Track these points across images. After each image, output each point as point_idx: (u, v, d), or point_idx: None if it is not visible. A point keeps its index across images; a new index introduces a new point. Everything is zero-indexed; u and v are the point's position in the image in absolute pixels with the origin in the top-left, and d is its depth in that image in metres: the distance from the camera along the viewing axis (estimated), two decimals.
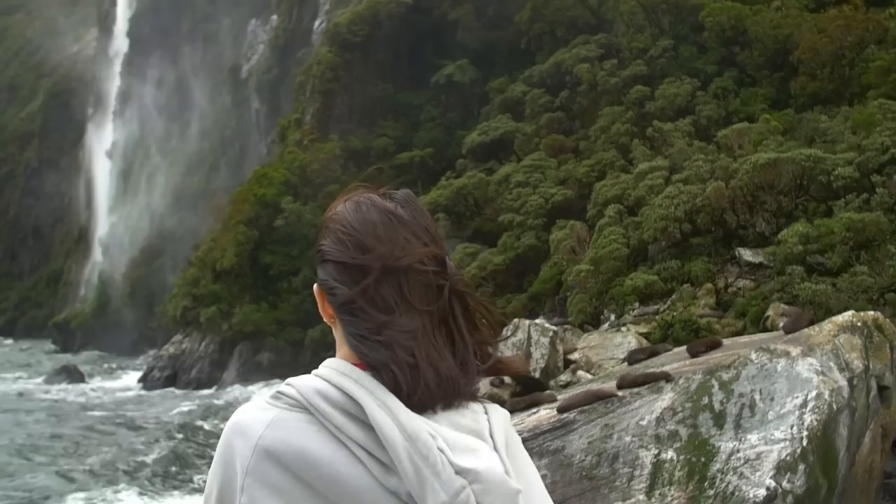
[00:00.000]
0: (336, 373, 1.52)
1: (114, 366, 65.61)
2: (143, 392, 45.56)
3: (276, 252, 43.69)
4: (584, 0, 42.94)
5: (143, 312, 75.85)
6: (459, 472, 1.42)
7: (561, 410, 11.47)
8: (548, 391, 16.69)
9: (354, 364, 1.55)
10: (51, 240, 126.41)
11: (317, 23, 69.40)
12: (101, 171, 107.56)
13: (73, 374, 53.11)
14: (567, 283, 25.60)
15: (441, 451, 1.42)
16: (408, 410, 1.46)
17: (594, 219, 27.51)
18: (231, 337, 44.81)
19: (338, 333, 1.63)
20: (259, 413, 1.52)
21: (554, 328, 19.56)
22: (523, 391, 18.42)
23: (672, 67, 34.79)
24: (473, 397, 1.59)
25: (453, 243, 35.53)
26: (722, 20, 33.28)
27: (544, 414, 12.22)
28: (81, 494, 22.66)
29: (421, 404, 1.49)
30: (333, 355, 1.62)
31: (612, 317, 22.32)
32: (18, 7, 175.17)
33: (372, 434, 1.44)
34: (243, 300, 44.50)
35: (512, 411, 13.80)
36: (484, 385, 19.56)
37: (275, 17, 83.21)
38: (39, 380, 53.50)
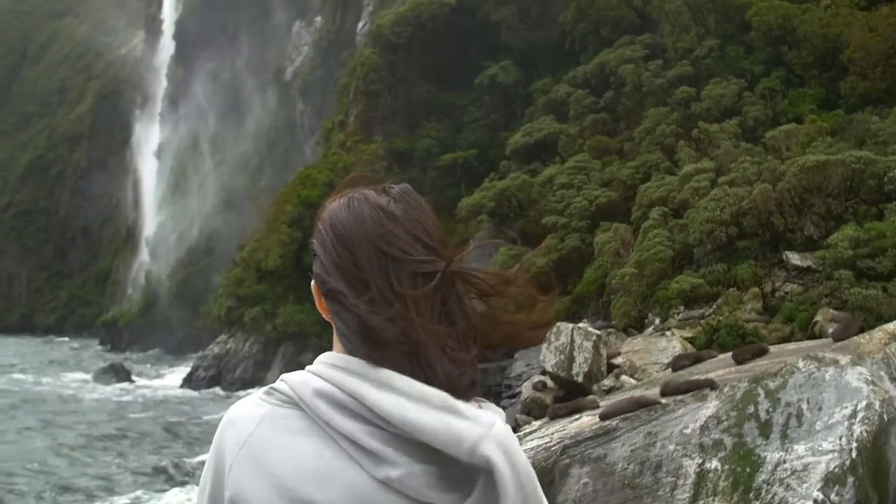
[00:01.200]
0: (327, 366, 1.52)
1: (159, 365, 66.35)
2: (187, 392, 45.99)
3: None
4: (628, 0, 42.56)
5: (188, 312, 76.59)
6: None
7: (603, 417, 11.34)
8: (590, 396, 16.51)
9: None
10: (99, 239, 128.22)
11: (360, 24, 69.62)
12: (149, 172, 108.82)
13: (119, 373, 53.79)
14: (611, 285, 25.35)
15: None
16: (408, 379, 1.45)
17: (639, 221, 27.22)
18: (275, 337, 45.06)
19: (334, 329, 1.63)
20: (251, 409, 1.53)
21: (597, 332, 19.38)
22: (566, 395, 18.27)
23: (718, 68, 34.39)
24: (467, 392, 1.54)
25: (496, 245, 35.37)
26: (769, 19, 32.82)
27: (586, 421, 12.09)
28: (125, 494, 22.85)
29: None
30: None
31: (657, 321, 22.07)
32: (67, 11, 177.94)
33: (364, 424, 1.44)
34: (287, 301, 44.71)
35: (553, 417, 13.68)
36: (526, 389, 19.45)
37: (319, 18, 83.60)
38: (87, 377, 54.22)
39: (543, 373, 19.55)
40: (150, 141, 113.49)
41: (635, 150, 34.18)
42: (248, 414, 1.53)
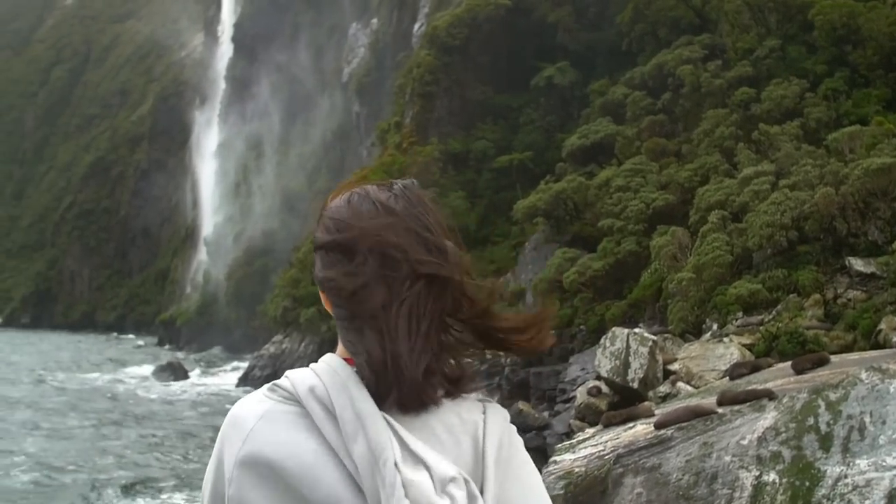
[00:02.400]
0: (327, 368, 1.53)
1: (216, 363, 67.12)
2: (243, 391, 46.37)
3: None
4: (687, 0, 42.02)
5: (245, 312, 77.40)
6: (406, 485, 1.38)
7: (658, 426, 11.19)
8: (645, 403, 16.30)
9: (346, 359, 1.55)
10: (158, 239, 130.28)
11: (416, 26, 69.71)
12: (207, 173, 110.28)
13: (177, 371, 54.61)
14: (668, 290, 25.00)
15: (397, 468, 1.38)
16: (379, 421, 1.43)
17: (696, 225, 26.83)
18: (330, 338, 45.18)
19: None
20: (254, 405, 1.54)
21: (653, 337, 19.14)
22: (621, 401, 18.07)
23: (779, 68, 33.78)
24: (460, 394, 1.56)
25: (552, 248, 35.18)
26: (833, 18, 32.15)
27: (641, 429, 11.93)
28: (179, 491, 23.07)
29: (400, 401, 1.47)
30: None
31: (714, 326, 21.73)
32: (129, 15, 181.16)
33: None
34: None
35: (607, 425, 13.50)
36: (581, 394, 19.26)
37: (375, 20, 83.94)
38: (146, 374, 55.05)
39: (598, 378, 19.35)
40: (208, 142, 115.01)
41: (693, 152, 33.70)
42: (249, 410, 1.53)
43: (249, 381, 47.70)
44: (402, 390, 1.46)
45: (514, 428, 1.62)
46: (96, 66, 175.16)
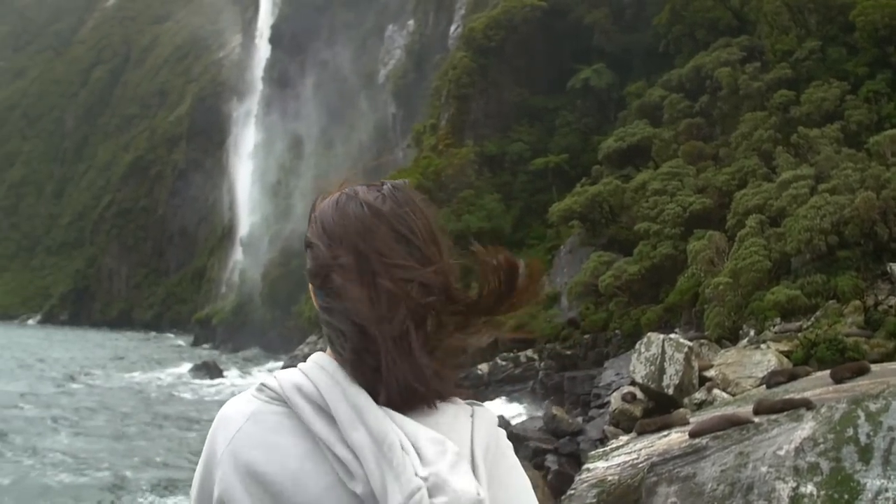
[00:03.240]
0: (316, 367, 1.52)
1: (251, 363, 67.44)
2: None
3: None
4: (725, 1, 41.62)
5: (280, 312, 77.74)
6: (418, 474, 1.37)
7: (693, 435, 11.06)
8: (681, 410, 16.15)
9: (335, 358, 1.54)
10: (195, 238, 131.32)
11: (452, 28, 69.75)
12: (244, 173, 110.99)
13: (212, 370, 55.01)
14: (704, 295, 24.74)
15: (405, 452, 1.38)
16: (376, 410, 1.43)
17: (734, 229, 26.54)
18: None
19: None
20: (241, 406, 1.54)
21: (689, 343, 18.92)
22: (655, 407, 17.90)
23: (819, 70, 33.36)
24: (450, 397, 1.56)
25: (587, 251, 35.01)
26: (875, 19, 31.69)
27: (675, 438, 11.79)
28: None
29: (387, 403, 1.46)
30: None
31: (752, 332, 21.46)
32: (168, 16, 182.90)
33: (338, 432, 1.43)
34: None
35: (641, 433, 13.36)
36: (615, 400, 19.10)
37: (411, 22, 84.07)
38: (181, 372, 55.42)
39: (633, 383, 19.16)
40: (245, 143, 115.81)
41: (731, 155, 33.35)
42: (237, 411, 1.53)
43: None
44: (391, 390, 1.45)
45: (502, 432, 1.60)
46: (136, 67, 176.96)
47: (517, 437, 22.16)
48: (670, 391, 17.66)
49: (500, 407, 30.75)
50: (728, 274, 23.59)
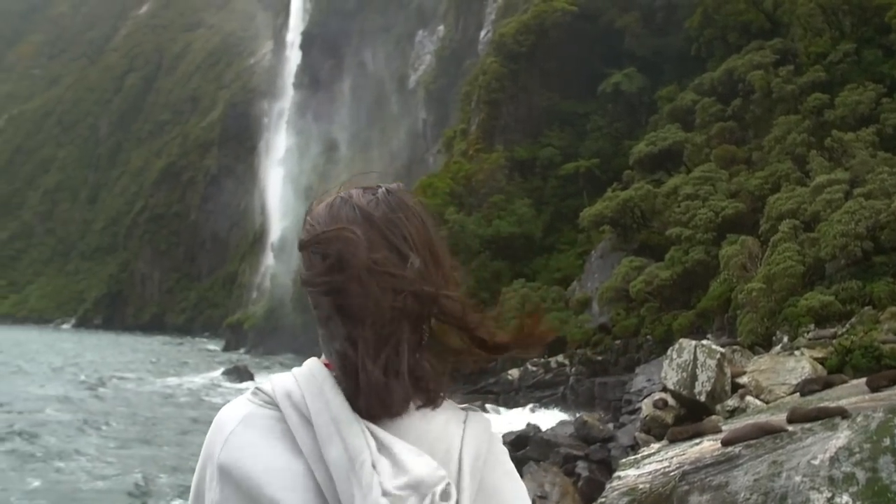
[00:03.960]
0: (307, 373, 1.51)
1: (282, 368, 67.57)
2: None
3: None
4: (757, 3, 41.29)
5: (311, 317, 77.77)
6: (386, 494, 1.34)
7: (725, 443, 10.90)
8: (713, 417, 15.99)
9: (326, 363, 1.53)
10: (227, 244, 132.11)
11: (482, 33, 69.78)
12: (275, 178, 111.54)
13: (242, 374, 55.38)
14: (737, 300, 24.51)
15: (375, 469, 1.36)
16: (355, 425, 1.41)
17: (767, 234, 26.29)
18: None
19: None
20: (236, 409, 1.54)
21: (721, 350, 18.69)
22: (687, 414, 17.71)
23: (854, 73, 33.02)
24: (444, 403, 1.53)
25: (618, 256, 34.83)
26: None
27: (707, 446, 11.65)
28: None
29: (367, 410, 1.44)
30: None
31: (785, 339, 21.21)
32: (200, 23, 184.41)
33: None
34: None
35: (673, 440, 13.21)
36: (647, 406, 18.95)
37: (441, 27, 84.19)
38: (213, 376, 55.74)
39: (665, 390, 18.97)
40: (276, 148, 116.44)
41: (764, 159, 33.08)
42: (231, 414, 1.53)
43: None
44: (368, 397, 1.44)
45: (496, 438, 1.57)
46: (168, 74, 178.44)
47: (548, 443, 22.06)
48: (702, 398, 17.47)
49: (528, 414, 30.65)
50: (761, 279, 23.36)
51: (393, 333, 1.44)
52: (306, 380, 1.49)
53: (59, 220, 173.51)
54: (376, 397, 1.44)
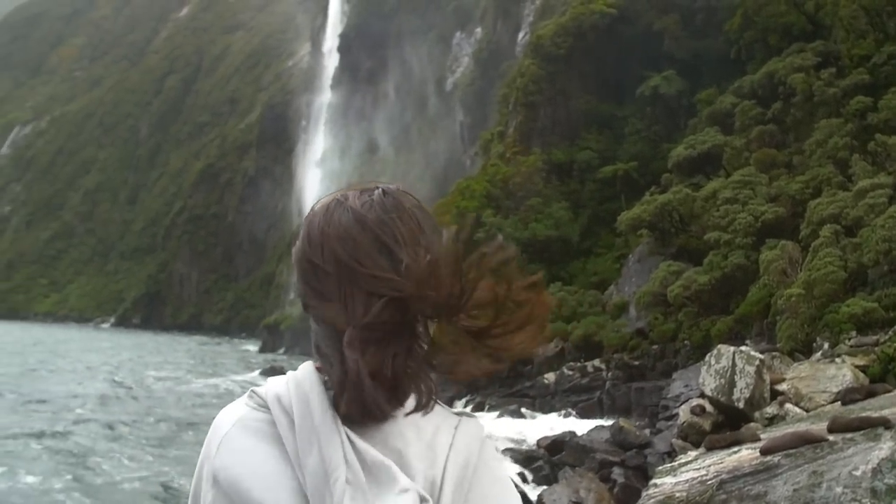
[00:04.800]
0: (300, 377, 1.52)
1: None
2: None
3: None
4: (799, 5, 40.80)
5: None
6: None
7: (764, 452, 10.75)
8: (752, 424, 15.81)
9: (319, 368, 1.54)
10: (264, 245, 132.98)
11: (520, 35, 69.67)
12: (312, 180, 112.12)
13: (279, 375, 55.61)
14: (777, 306, 24.20)
15: (348, 485, 1.35)
16: (334, 435, 1.40)
17: (808, 239, 25.95)
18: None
19: None
20: (232, 412, 1.56)
21: (760, 356, 18.45)
22: (725, 421, 17.52)
23: None
24: (430, 408, 1.49)
25: (656, 260, 34.57)
26: None
27: (746, 454, 11.49)
28: None
29: (348, 415, 1.44)
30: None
31: (826, 346, 20.91)
32: (239, 26, 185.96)
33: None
34: None
35: (710, 448, 13.04)
36: (684, 413, 18.75)
37: (479, 29, 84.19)
38: (250, 377, 56.08)
39: (702, 396, 18.77)
40: (314, 150, 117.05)
41: (805, 163, 32.68)
42: (226, 418, 1.55)
43: None
44: (352, 402, 1.43)
45: (489, 445, 1.54)
46: (207, 76, 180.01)
47: (583, 449, 21.91)
48: (741, 405, 17.25)
49: (563, 419, 30.49)
50: (801, 285, 23.05)
51: (379, 337, 1.43)
52: (296, 384, 1.50)
53: (100, 221, 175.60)
54: (360, 403, 1.42)
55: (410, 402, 1.47)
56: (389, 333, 1.43)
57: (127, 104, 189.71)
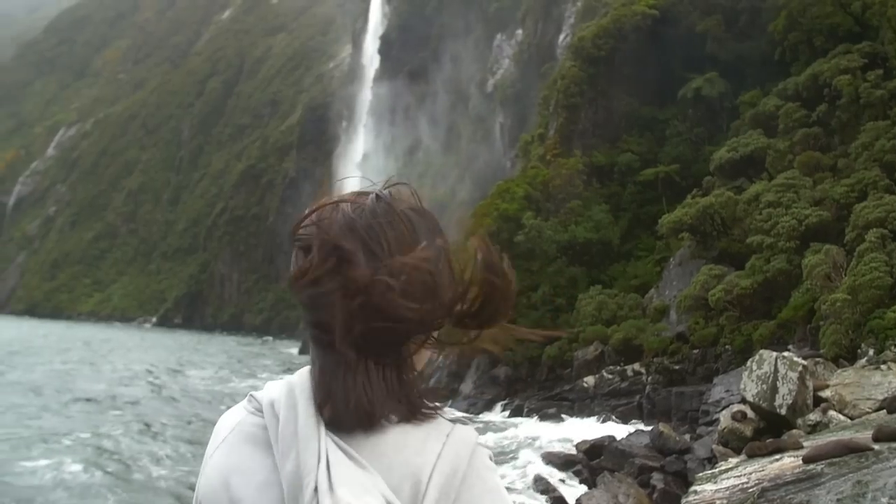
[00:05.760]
0: (294, 381, 1.51)
1: None
2: None
3: (516, 267, 41.40)
4: (845, 6, 40.23)
5: None
6: None
7: (807, 461, 10.59)
8: (794, 432, 15.60)
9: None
10: None
11: (561, 37, 69.46)
12: (352, 182, 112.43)
13: None
14: (820, 312, 23.88)
15: (317, 493, 1.34)
16: (313, 442, 1.39)
17: (853, 243, 25.57)
18: (471, 349, 45.10)
19: None
20: (231, 416, 1.58)
21: (804, 362, 18.21)
22: (767, 427, 17.31)
23: None
24: (420, 416, 1.47)
25: (697, 264, 34.29)
26: None
27: (788, 462, 11.33)
28: None
29: (332, 421, 1.43)
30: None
31: (871, 352, 20.58)
32: (281, 28, 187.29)
33: None
34: None
35: (752, 455, 12.87)
36: (725, 418, 18.54)
37: (520, 31, 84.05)
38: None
39: (743, 401, 18.55)
40: (354, 151, 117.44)
41: (850, 166, 32.21)
42: (226, 422, 1.57)
43: None
44: (337, 410, 1.43)
45: (481, 454, 1.49)
46: (248, 78, 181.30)
47: (622, 453, 21.76)
48: (783, 411, 17.02)
49: (603, 424, 30.32)
50: (846, 290, 22.71)
51: (363, 345, 1.42)
52: (289, 388, 1.49)
53: (142, 221, 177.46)
54: (344, 410, 1.42)
55: (400, 411, 1.46)
56: (372, 340, 1.43)
57: (169, 106, 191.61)
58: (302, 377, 1.52)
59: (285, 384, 1.52)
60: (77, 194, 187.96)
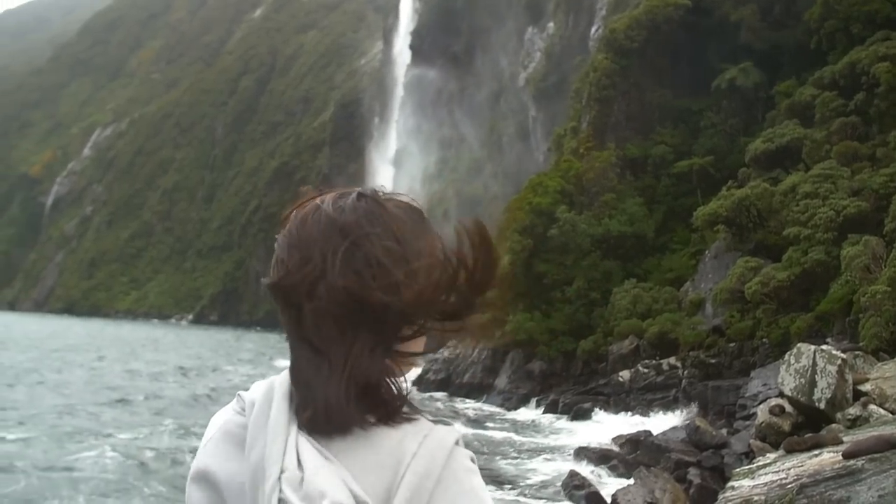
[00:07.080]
0: (277, 381, 1.50)
1: None
2: (415, 393, 46.61)
3: (550, 261, 43.34)
4: None
5: None
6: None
7: (847, 456, 10.39)
8: (833, 426, 15.36)
9: None
10: None
11: (593, 29, 69.07)
12: (385, 178, 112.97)
13: None
14: (859, 304, 23.52)
15: (280, 482, 1.33)
16: (280, 431, 1.39)
17: (893, 234, 25.19)
18: (503, 344, 45.04)
19: None
20: (219, 416, 1.57)
21: (843, 355, 17.90)
22: (805, 422, 17.07)
23: None
24: (398, 418, 1.44)
25: (733, 256, 33.99)
26: None
27: (827, 458, 11.14)
28: None
29: (309, 424, 1.41)
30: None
31: None
32: (312, 25, 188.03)
33: None
34: (517, 308, 44.63)
35: (790, 451, 12.66)
36: (762, 413, 18.29)
37: (551, 24, 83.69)
38: None
39: (781, 395, 18.30)
40: (387, 147, 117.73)
41: (889, 156, 31.72)
42: (215, 421, 1.56)
43: (423, 383, 48.10)
44: (310, 411, 1.41)
45: (459, 453, 1.43)
46: (281, 76, 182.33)
47: (658, 448, 21.59)
48: (821, 405, 16.75)
49: (638, 417, 30.14)
50: (886, 282, 22.33)
51: (338, 344, 1.41)
52: (267, 388, 1.48)
53: (177, 220, 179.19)
54: (319, 411, 1.40)
55: (377, 412, 1.43)
56: (347, 339, 1.42)
57: (203, 105, 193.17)
58: (283, 377, 1.49)
59: (267, 383, 1.50)
60: (113, 194, 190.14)
